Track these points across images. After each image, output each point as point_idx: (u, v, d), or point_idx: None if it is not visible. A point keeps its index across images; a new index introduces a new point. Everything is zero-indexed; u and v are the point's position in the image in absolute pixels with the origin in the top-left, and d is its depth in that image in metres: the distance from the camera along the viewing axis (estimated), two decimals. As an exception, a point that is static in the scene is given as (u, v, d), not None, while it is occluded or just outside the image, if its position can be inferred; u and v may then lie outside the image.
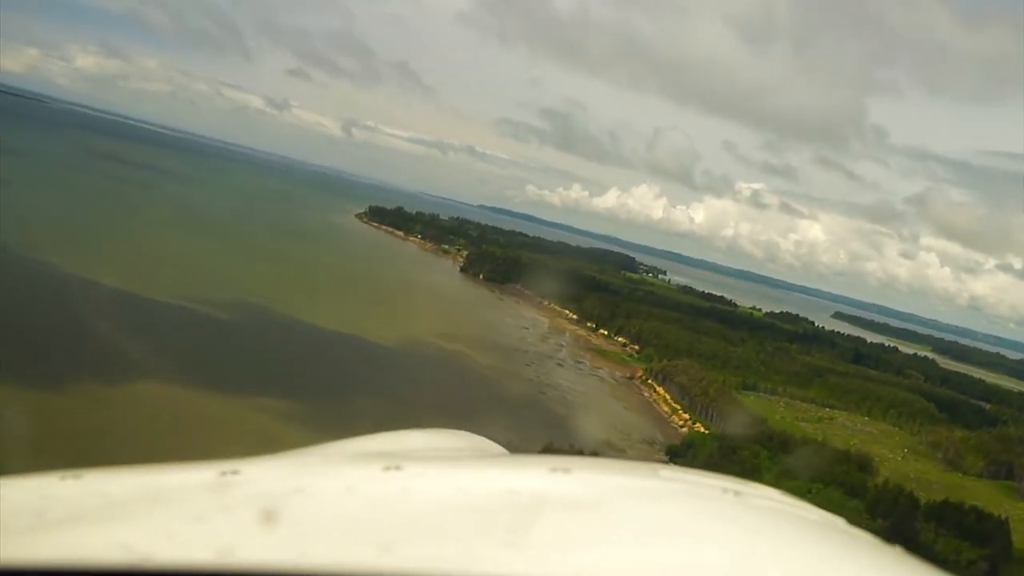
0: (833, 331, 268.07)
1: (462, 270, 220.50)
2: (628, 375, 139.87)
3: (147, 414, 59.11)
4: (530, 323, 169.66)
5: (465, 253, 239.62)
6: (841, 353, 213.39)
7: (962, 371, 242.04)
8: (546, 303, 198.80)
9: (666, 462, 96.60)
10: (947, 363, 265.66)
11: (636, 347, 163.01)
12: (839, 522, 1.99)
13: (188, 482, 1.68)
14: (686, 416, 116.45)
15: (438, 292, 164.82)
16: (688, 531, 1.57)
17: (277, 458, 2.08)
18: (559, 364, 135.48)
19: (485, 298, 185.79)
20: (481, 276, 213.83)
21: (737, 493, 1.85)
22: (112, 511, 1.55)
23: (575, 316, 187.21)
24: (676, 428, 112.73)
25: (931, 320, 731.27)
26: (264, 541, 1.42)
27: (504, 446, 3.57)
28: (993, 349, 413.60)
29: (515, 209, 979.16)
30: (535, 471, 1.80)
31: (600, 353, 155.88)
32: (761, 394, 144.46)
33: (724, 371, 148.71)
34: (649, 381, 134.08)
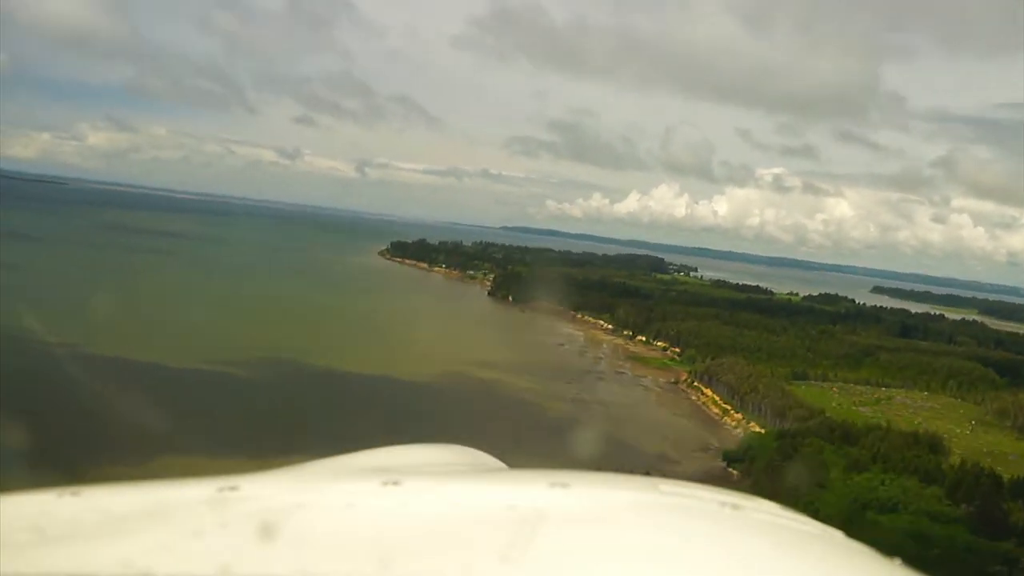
0: (875, 306, 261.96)
1: (490, 294, 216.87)
2: (672, 380, 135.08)
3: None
4: (565, 339, 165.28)
5: (491, 277, 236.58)
6: (887, 328, 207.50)
7: (1014, 330, 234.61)
8: (579, 316, 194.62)
9: (724, 468, 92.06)
10: (997, 324, 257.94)
11: (676, 350, 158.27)
12: (838, 535, 1.99)
13: (187, 498, 1.68)
14: (739, 416, 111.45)
15: (467, 320, 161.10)
16: (687, 546, 1.57)
17: (276, 474, 2.09)
18: (600, 378, 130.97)
19: (516, 320, 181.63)
20: (510, 298, 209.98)
21: (735, 507, 1.86)
22: (111, 527, 1.56)
23: (610, 326, 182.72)
24: (730, 430, 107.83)
25: (972, 282, 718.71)
26: (263, 557, 1.42)
27: (503, 460, 3.48)
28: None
29: (538, 226, 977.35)
30: (534, 486, 1.80)
31: (641, 361, 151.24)
32: (812, 382, 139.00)
33: (770, 363, 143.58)
34: (695, 384, 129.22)
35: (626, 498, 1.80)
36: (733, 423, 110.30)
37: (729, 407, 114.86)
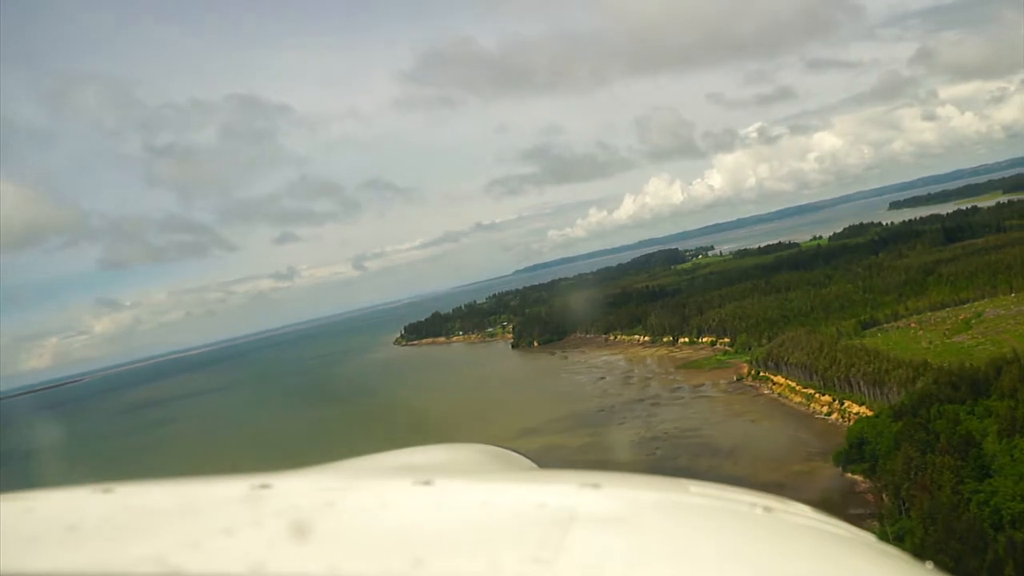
0: (905, 222, 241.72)
1: (514, 347, 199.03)
2: (735, 378, 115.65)
3: None
4: (604, 369, 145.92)
5: (511, 328, 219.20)
6: (931, 239, 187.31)
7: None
8: (612, 337, 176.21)
9: (842, 475, 72.43)
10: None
11: (726, 340, 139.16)
12: (869, 538, 1.96)
13: (219, 496, 1.67)
14: (827, 399, 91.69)
15: (495, 385, 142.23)
16: (718, 548, 1.57)
17: (308, 472, 2.08)
18: (655, 403, 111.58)
19: (546, 366, 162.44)
20: (535, 343, 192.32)
21: (767, 509, 1.84)
22: (143, 524, 1.56)
23: (647, 337, 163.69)
24: (825, 420, 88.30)
25: (979, 167, 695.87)
26: (295, 555, 1.41)
27: (534, 460, 3.46)
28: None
29: (548, 259, 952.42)
30: (565, 486, 1.79)
31: (692, 366, 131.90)
32: (885, 326, 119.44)
33: (831, 320, 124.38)
34: (762, 374, 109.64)
35: (657, 499, 1.77)
36: (825, 410, 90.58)
37: (812, 390, 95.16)
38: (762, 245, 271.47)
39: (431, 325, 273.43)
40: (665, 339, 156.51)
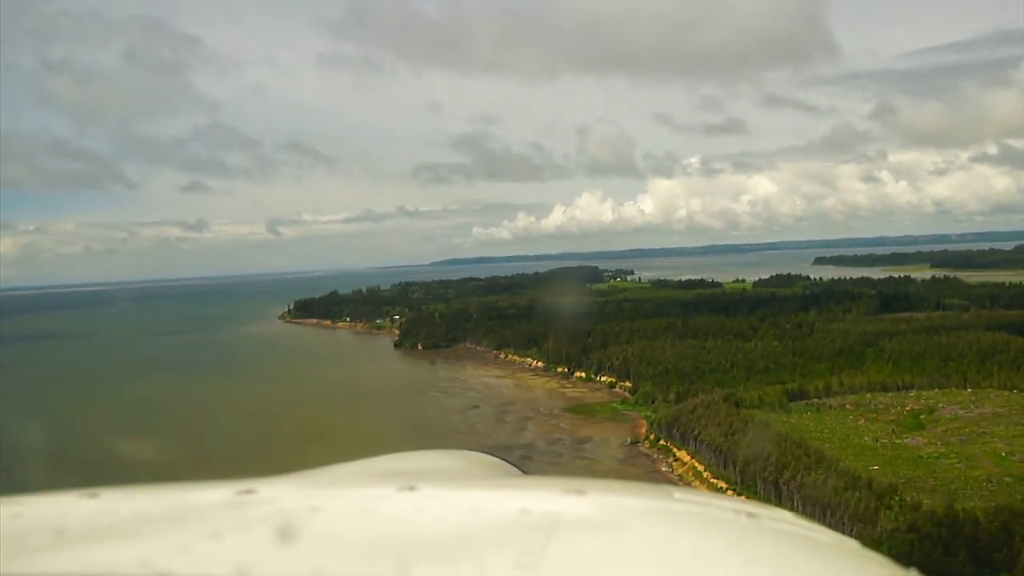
0: (834, 280, 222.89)
1: (396, 345, 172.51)
2: (628, 439, 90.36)
3: None
4: (483, 393, 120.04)
5: (401, 322, 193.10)
6: (865, 306, 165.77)
7: (990, 279, 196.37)
8: (503, 355, 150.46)
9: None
10: (968, 276, 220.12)
11: (627, 384, 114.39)
12: (853, 545, 1.94)
13: (205, 500, 1.65)
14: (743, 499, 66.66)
15: (347, 393, 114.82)
16: (702, 554, 1.55)
17: (293, 477, 2.06)
18: (525, 457, 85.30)
19: (420, 377, 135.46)
20: (419, 346, 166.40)
21: (751, 515, 1.81)
22: (129, 529, 1.54)
23: (540, 363, 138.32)
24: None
25: (903, 237, 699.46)
26: (280, 559, 1.39)
27: (519, 466, 3.49)
28: (977, 246, 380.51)
29: (467, 256, 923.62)
30: (549, 492, 1.77)
31: (583, 411, 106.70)
32: (815, 402, 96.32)
33: (753, 383, 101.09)
34: (661, 442, 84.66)
35: (641, 506, 1.75)
36: (738, 518, 65.68)
37: (724, 484, 70.07)
38: (684, 279, 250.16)
39: (323, 305, 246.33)
40: (559, 369, 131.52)
